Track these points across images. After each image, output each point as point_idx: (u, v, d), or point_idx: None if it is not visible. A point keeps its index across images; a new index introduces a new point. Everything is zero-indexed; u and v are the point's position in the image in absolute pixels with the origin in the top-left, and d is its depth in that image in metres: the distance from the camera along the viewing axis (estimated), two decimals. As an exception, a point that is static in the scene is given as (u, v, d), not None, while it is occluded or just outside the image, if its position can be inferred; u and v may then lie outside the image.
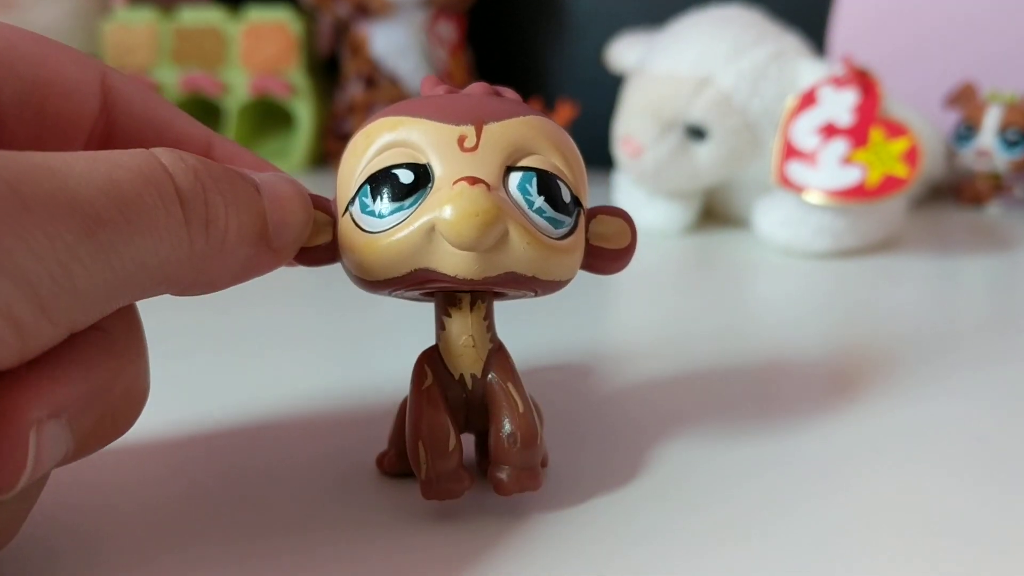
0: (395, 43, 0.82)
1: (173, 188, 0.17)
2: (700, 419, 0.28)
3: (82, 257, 0.15)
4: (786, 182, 0.53)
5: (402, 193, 0.20)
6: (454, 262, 0.20)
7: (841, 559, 0.20)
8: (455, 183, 0.20)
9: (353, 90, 0.83)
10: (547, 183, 0.21)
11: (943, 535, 0.22)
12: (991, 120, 0.69)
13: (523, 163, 0.21)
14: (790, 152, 0.53)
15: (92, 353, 0.18)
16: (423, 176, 0.20)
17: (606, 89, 0.67)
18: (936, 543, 0.21)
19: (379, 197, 0.20)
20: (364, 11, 0.80)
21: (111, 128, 0.23)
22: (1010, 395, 0.31)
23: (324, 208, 0.22)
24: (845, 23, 0.80)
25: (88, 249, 0.15)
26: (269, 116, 0.86)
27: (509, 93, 0.23)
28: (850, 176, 0.52)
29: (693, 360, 0.34)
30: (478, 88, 0.22)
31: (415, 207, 0.20)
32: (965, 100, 0.71)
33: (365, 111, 0.82)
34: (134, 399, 0.19)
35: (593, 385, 0.32)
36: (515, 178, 0.21)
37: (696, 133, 0.56)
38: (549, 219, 0.21)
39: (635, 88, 0.58)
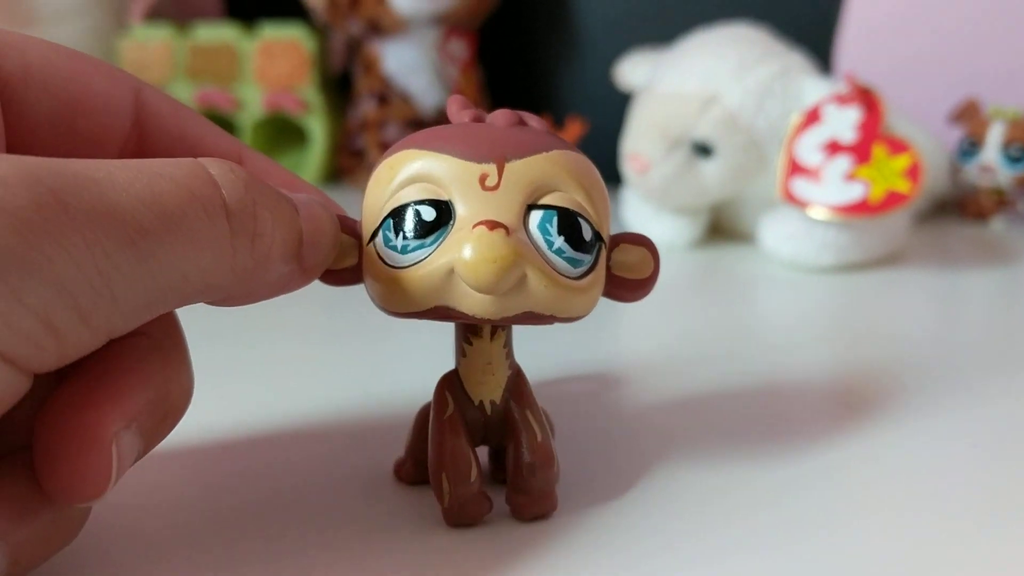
0: (407, 61, 0.83)
1: (220, 200, 0.18)
2: (704, 438, 0.28)
3: (121, 266, 0.16)
4: (791, 198, 0.54)
5: (424, 230, 0.20)
6: (473, 302, 0.20)
7: None
8: (474, 226, 0.20)
9: (365, 107, 0.84)
10: (568, 222, 0.21)
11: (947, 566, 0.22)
12: (994, 136, 0.69)
13: (544, 201, 0.21)
14: (794, 168, 0.54)
15: (149, 361, 0.19)
16: (445, 213, 0.20)
17: (615, 106, 0.68)
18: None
19: (401, 233, 0.21)
20: (376, 29, 0.81)
21: (143, 143, 0.23)
22: (1016, 414, 0.31)
23: (351, 230, 0.22)
24: (851, 40, 0.81)
25: (128, 258, 0.16)
26: (283, 132, 0.87)
27: (534, 121, 0.23)
28: (853, 192, 0.53)
29: (699, 376, 0.35)
30: (503, 118, 0.22)
31: (436, 244, 0.20)
32: (969, 116, 0.71)
33: (378, 128, 0.83)
34: (185, 396, 0.20)
35: (600, 399, 0.32)
36: (535, 217, 0.21)
37: (703, 150, 0.57)
38: (568, 259, 0.21)
39: (643, 105, 0.59)
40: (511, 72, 0.93)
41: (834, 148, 0.54)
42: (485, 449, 0.25)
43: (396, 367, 0.36)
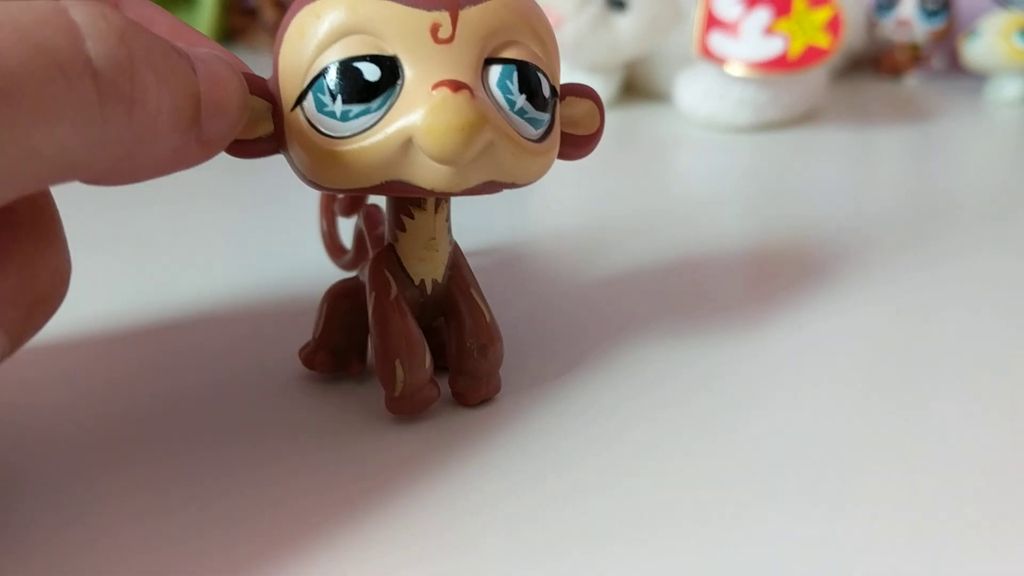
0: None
1: (83, 55, 0.14)
2: (632, 313, 0.27)
3: None
4: (708, 54, 0.52)
5: (368, 92, 0.17)
6: (431, 175, 0.18)
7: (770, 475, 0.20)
8: (435, 87, 0.17)
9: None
10: (528, 78, 0.18)
11: (864, 450, 0.21)
12: (912, -11, 0.68)
13: (503, 54, 0.18)
14: (712, 22, 0.52)
15: (9, 244, 0.16)
16: (390, 71, 0.17)
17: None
18: (858, 462, 0.21)
19: (340, 96, 0.17)
20: None
21: None
22: (924, 273, 0.31)
23: (262, 92, 0.19)
24: None
25: None
26: (168, -11, 0.82)
27: None
28: (772, 47, 0.51)
29: (619, 246, 0.33)
30: None
31: (383, 109, 0.17)
32: (886, -32, 0.70)
33: (271, -17, 0.78)
34: (59, 279, 0.17)
35: (517, 270, 0.31)
36: (494, 73, 0.18)
37: (617, 3, 0.54)
38: (530, 119, 0.19)
39: (553, -45, 0.56)
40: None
41: (753, 0, 0.52)
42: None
43: (287, 242, 0.33)
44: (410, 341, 0.20)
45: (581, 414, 0.21)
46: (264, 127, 0.19)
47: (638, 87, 0.61)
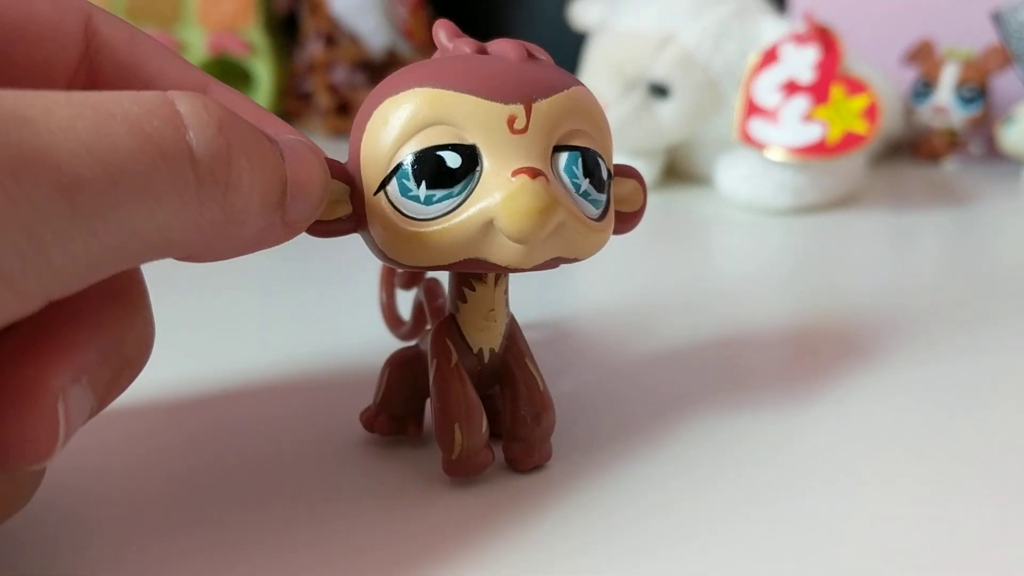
0: (355, 1, 0.80)
1: (185, 144, 0.15)
2: (676, 389, 0.28)
3: (55, 223, 0.13)
4: (748, 139, 0.53)
5: (450, 178, 0.19)
6: (508, 253, 0.19)
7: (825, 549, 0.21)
8: (514, 173, 0.19)
9: (313, 48, 0.82)
10: (590, 164, 0.20)
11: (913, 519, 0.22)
12: (948, 77, 0.69)
13: (568, 142, 0.20)
14: (752, 109, 0.53)
15: (102, 307, 0.17)
16: (470, 158, 0.19)
17: (569, 47, 0.67)
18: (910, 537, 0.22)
19: (424, 181, 0.19)
20: (323, -32, 0.79)
21: (94, 76, 0.20)
22: (970, 358, 0.31)
23: (341, 175, 0.20)
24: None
25: (62, 214, 0.13)
26: (227, 75, 0.85)
27: (540, 53, 0.21)
28: (811, 133, 0.52)
29: (662, 324, 0.34)
30: (513, 50, 0.20)
31: (464, 193, 0.19)
32: (923, 57, 0.71)
33: (325, 70, 0.81)
34: (144, 344, 0.18)
35: (565, 344, 0.32)
36: (562, 159, 0.20)
37: (659, 91, 0.56)
38: (592, 200, 0.20)
39: (598, 45, 0.58)
40: (462, 12, 0.91)
41: (792, 88, 0.53)
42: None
43: (348, 316, 0.35)
44: (468, 406, 0.21)
45: (629, 485, 0.22)
46: (343, 208, 0.20)
47: (680, 170, 0.62)
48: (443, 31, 0.21)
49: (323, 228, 0.20)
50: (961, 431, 0.25)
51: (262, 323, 0.34)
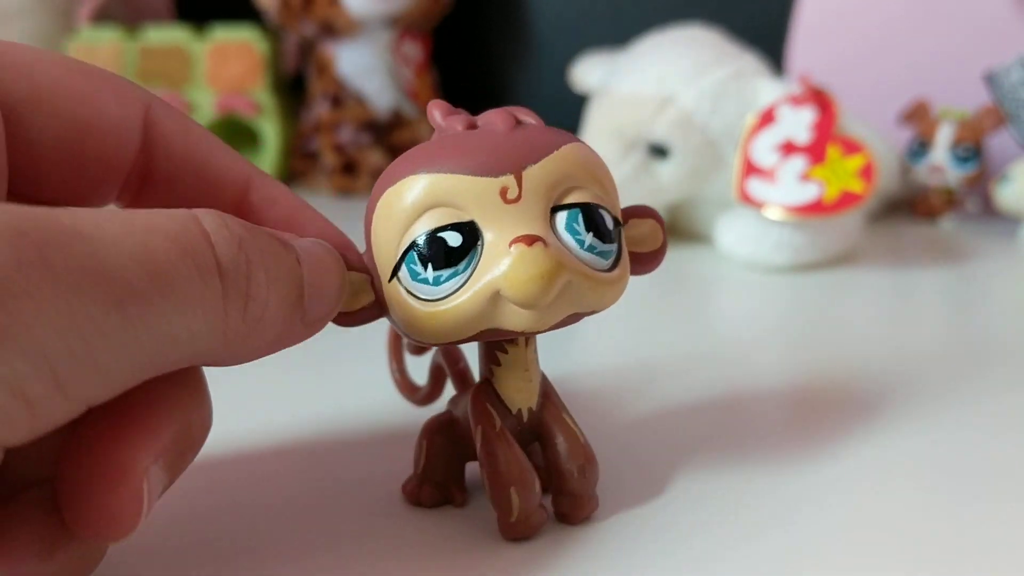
0: (361, 63, 0.82)
1: (213, 258, 0.16)
2: (686, 447, 0.28)
3: (107, 331, 0.14)
4: (747, 198, 0.54)
5: (454, 257, 0.19)
6: (519, 319, 0.20)
7: None
8: (512, 243, 0.19)
9: (319, 109, 0.83)
10: (592, 217, 0.20)
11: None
12: (943, 136, 0.71)
13: (566, 200, 0.20)
14: (750, 169, 0.54)
15: (173, 394, 0.18)
16: (471, 234, 0.20)
17: (570, 108, 0.68)
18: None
19: (429, 264, 0.20)
20: (330, 31, 0.81)
21: (149, 166, 0.21)
22: (966, 415, 0.31)
23: (360, 266, 0.21)
24: (802, 43, 0.82)
25: (115, 323, 0.14)
26: (235, 135, 0.86)
27: (529, 116, 0.22)
28: (808, 192, 0.53)
29: (661, 379, 0.35)
30: (501, 121, 0.21)
31: (470, 269, 0.20)
32: (918, 117, 0.72)
33: (332, 130, 0.82)
34: (205, 428, 0.19)
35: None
36: (561, 218, 0.20)
37: (659, 151, 0.57)
38: (599, 253, 0.20)
39: (598, 108, 0.60)
40: (466, 74, 0.93)
41: (789, 149, 0.54)
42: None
43: (375, 377, 0.35)
44: (521, 469, 0.21)
45: (672, 537, 0.22)
46: (365, 298, 0.21)
47: (681, 229, 0.63)
48: (437, 111, 0.22)
49: (349, 319, 0.21)
50: (961, 496, 0.25)
51: (292, 384, 0.35)
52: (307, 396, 0.33)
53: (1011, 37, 0.74)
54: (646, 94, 0.57)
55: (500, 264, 0.19)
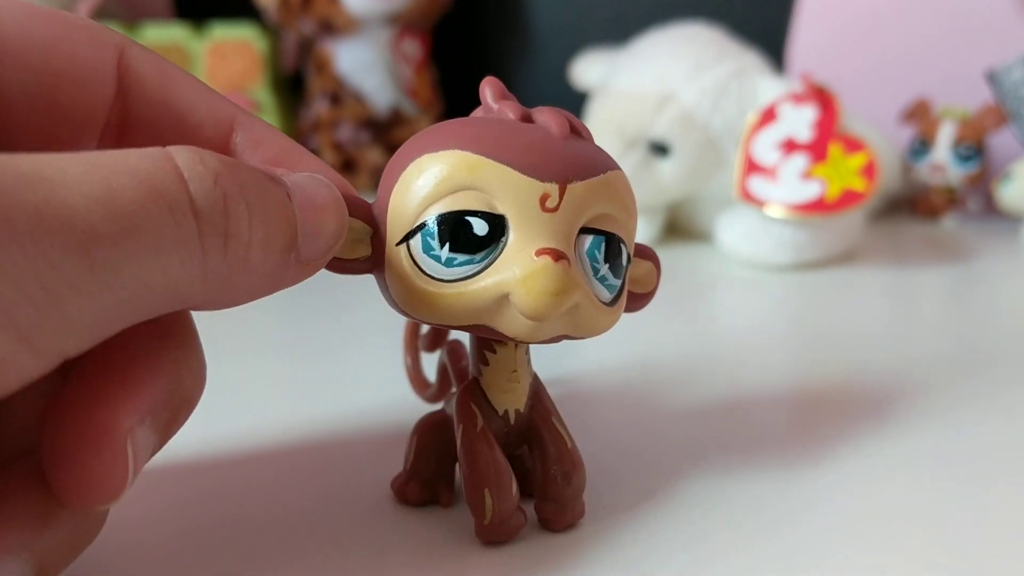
0: (360, 60, 0.82)
1: (187, 196, 0.15)
2: (686, 448, 0.28)
3: (72, 279, 0.13)
4: (748, 196, 0.54)
5: (474, 245, 0.19)
6: (515, 326, 0.19)
7: None
8: (538, 253, 0.19)
9: (318, 107, 0.83)
10: (613, 250, 0.20)
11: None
12: (945, 135, 0.70)
13: (596, 225, 0.20)
14: (751, 167, 0.54)
15: (161, 349, 0.17)
16: (497, 228, 0.19)
17: (570, 106, 0.67)
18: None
19: (448, 243, 0.19)
20: (329, 29, 0.80)
21: (126, 112, 0.20)
22: (969, 413, 0.31)
23: (363, 215, 0.20)
24: (803, 41, 0.82)
25: (79, 270, 0.14)
26: (234, 133, 0.86)
27: (584, 130, 0.21)
28: (810, 190, 0.53)
29: (661, 379, 0.35)
30: (558, 124, 0.20)
31: (485, 262, 0.19)
32: (919, 116, 0.72)
33: (330, 128, 0.82)
34: (198, 383, 0.19)
35: (566, 405, 0.32)
36: (586, 241, 0.20)
37: (659, 149, 0.57)
38: (607, 285, 0.20)
39: (599, 105, 0.59)
40: (465, 72, 0.92)
41: (790, 147, 0.54)
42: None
43: (370, 377, 0.35)
44: (498, 471, 0.21)
45: (658, 544, 0.22)
46: (362, 249, 0.20)
47: (681, 227, 0.63)
48: (489, 90, 0.21)
49: (341, 265, 0.20)
50: (966, 494, 0.25)
51: (288, 383, 0.35)
52: (304, 392, 0.33)
53: (1012, 36, 0.74)
54: (647, 92, 0.56)
55: (522, 270, 0.18)
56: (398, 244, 0.20)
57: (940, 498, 0.25)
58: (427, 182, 0.19)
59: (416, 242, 0.19)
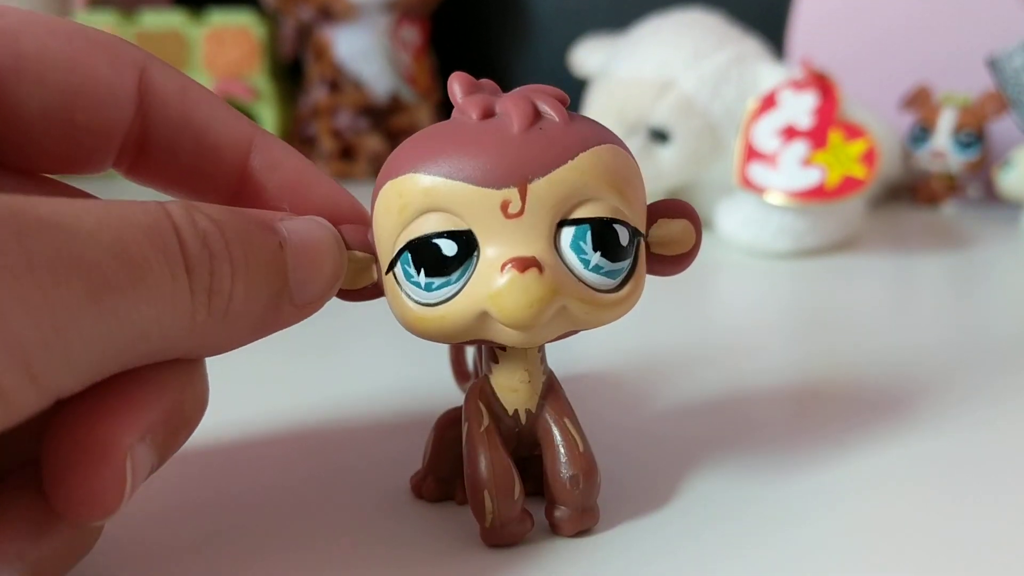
0: (359, 47, 0.82)
1: (180, 252, 0.16)
2: (679, 442, 0.27)
3: (81, 323, 0.14)
4: (748, 183, 0.54)
5: (446, 266, 0.18)
6: (510, 337, 0.19)
7: None
8: (504, 266, 0.18)
9: (317, 94, 0.83)
10: (603, 234, 0.19)
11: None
12: (945, 122, 0.70)
13: (575, 215, 0.19)
14: (751, 154, 0.54)
15: (164, 371, 0.17)
16: (467, 244, 0.18)
17: (570, 92, 0.67)
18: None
19: (422, 269, 0.19)
20: (327, 15, 0.80)
21: (145, 132, 0.20)
22: (969, 400, 0.31)
23: (365, 246, 0.20)
24: (803, 27, 0.81)
25: (90, 315, 0.14)
26: (232, 120, 0.86)
27: (552, 108, 0.19)
28: (810, 177, 0.53)
29: (661, 368, 0.34)
30: (516, 117, 0.19)
31: (462, 281, 0.19)
32: (920, 103, 0.72)
33: (329, 114, 0.82)
34: (199, 407, 0.19)
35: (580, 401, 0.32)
36: (567, 235, 0.19)
37: (659, 136, 0.56)
38: (606, 273, 0.19)
39: (599, 91, 0.59)
40: (464, 58, 0.92)
41: (790, 133, 0.54)
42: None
43: (409, 372, 0.34)
44: (498, 473, 0.20)
45: (672, 550, 0.21)
46: (367, 277, 0.20)
47: (680, 214, 0.63)
48: (457, 84, 0.20)
49: (351, 295, 0.20)
50: (966, 485, 0.25)
51: (298, 377, 0.34)
52: (322, 383, 0.33)
53: (1014, 22, 0.74)
54: (647, 78, 0.56)
55: (492, 283, 0.18)
56: (387, 272, 0.20)
57: (941, 488, 0.24)
58: (393, 211, 0.19)
59: (399, 270, 0.19)
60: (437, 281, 0.19)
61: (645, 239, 0.20)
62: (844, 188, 0.52)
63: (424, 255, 0.19)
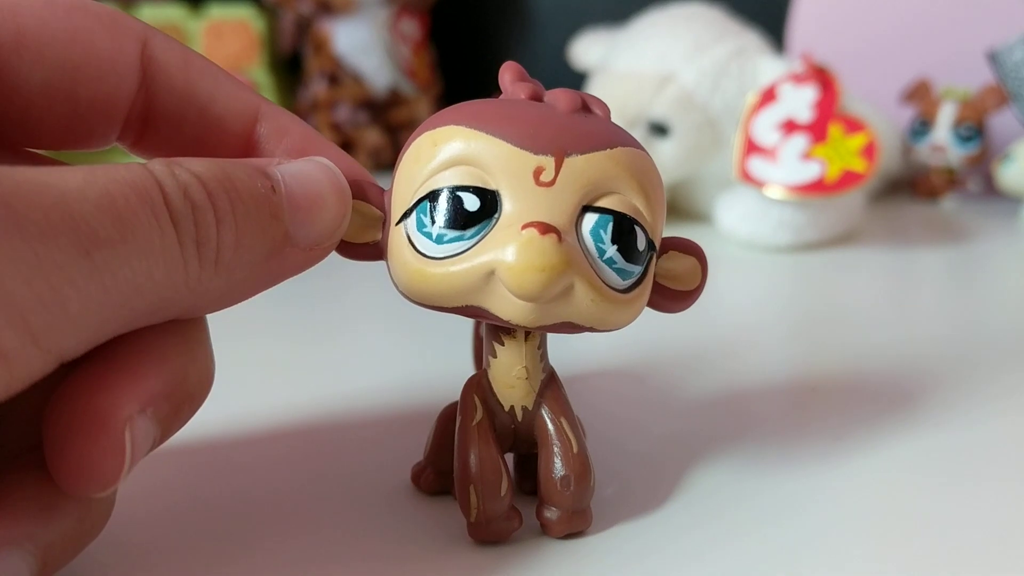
0: (358, 41, 0.81)
1: (164, 205, 0.16)
2: (679, 438, 0.27)
3: (76, 280, 0.14)
4: (747, 177, 0.54)
5: (465, 220, 0.18)
6: (509, 308, 0.18)
7: None
8: (524, 227, 0.18)
9: (316, 88, 0.83)
10: (623, 230, 0.19)
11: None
12: (945, 116, 0.70)
13: (601, 203, 0.19)
14: (751, 148, 0.54)
15: (167, 342, 0.17)
16: (490, 204, 0.18)
17: (569, 86, 0.67)
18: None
19: (438, 220, 0.18)
20: (327, 8, 0.80)
21: (149, 105, 0.20)
22: (970, 394, 0.31)
23: (375, 200, 0.20)
24: (804, 21, 0.81)
25: (83, 271, 0.14)
26: (231, 114, 0.86)
27: (598, 106, 0.20)
28: (810, 171, 0.53)
29: (656, 361, 0.34)
30: (566, 100, 0.19)
31: (476, 238, 0.18)
32: (920, 96, 0.72)
33: (328, 108, 0.82)
34: (205, 380, 0.19)
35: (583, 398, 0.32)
36: (589, 220, 0.19)
37: (659, 130, 0.56)
38: (618, 270, 0.19)
39: (598, 86, 0.59)
40: (464, 52, 0.92)
41: (790, 127, 0.54)
42: (510, 457, 0.22)
43: (415, 363, 0.34)
44: (484, 469, 0.20)
45: (662, 555, 0.21)
46: (372, 234, 0.20)
47: (680, 208, 0.63)
48: (508, 73, 0.20)
49: (349, 250, 0.20)
50: (967, 480, 0.25)
51: (297, 366, 0.34)
52: (328, 374, 0.33)
53: (1014, 15, 0.74)
54: (646, 72, 0.56)
55: (507, 245, 0.18)
56: (397, 223, 0.19)
57: (941, 482, 0.25)
58: (424, 159, 0.19)
59: (412, 220, 0.19)
60: (451, 234, 0.18)
61: (656, 257, 0.20)
62: (844, 182, 0.52)
63: (445, 205, 0.18)
